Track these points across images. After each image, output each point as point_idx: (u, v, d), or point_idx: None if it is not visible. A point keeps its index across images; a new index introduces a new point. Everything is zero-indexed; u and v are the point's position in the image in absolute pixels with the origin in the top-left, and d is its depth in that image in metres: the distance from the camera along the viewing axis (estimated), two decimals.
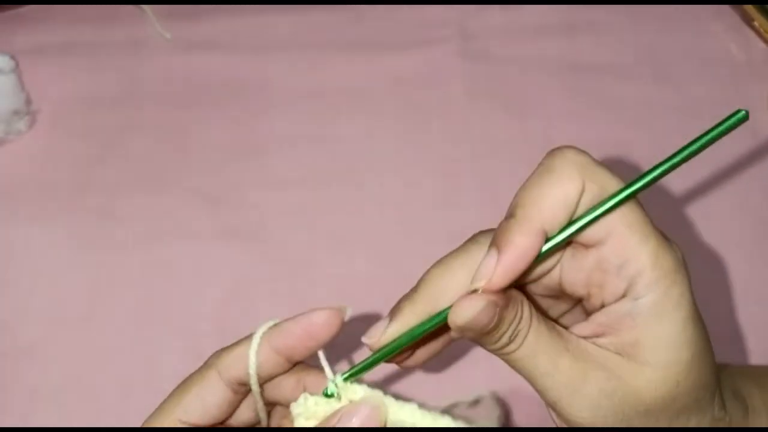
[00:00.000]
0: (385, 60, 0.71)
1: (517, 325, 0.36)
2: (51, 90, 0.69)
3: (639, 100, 0.69)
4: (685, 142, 0.33)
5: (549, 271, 0.39)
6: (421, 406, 0.37)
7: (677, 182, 0.65)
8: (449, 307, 0.36)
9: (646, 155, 0.65)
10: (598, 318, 0.37)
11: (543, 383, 0.37)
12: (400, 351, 0.38)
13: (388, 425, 0.37)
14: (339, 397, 0.38)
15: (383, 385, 0.55)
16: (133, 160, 0.66)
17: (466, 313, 0.35)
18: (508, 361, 0.37)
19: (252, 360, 0.38)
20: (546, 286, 0.39)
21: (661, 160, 0.35)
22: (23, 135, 0.67)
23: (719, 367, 0.40)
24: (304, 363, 0.40)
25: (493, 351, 0.37)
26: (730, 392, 0.41)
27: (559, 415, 0.38)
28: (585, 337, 0.38)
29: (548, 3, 0.73)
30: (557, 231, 0.36)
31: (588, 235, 0.36)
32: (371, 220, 0.64)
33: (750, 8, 0.70)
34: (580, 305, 0.40)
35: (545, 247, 0.36)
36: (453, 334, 0.37)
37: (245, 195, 0.65)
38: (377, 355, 0.38)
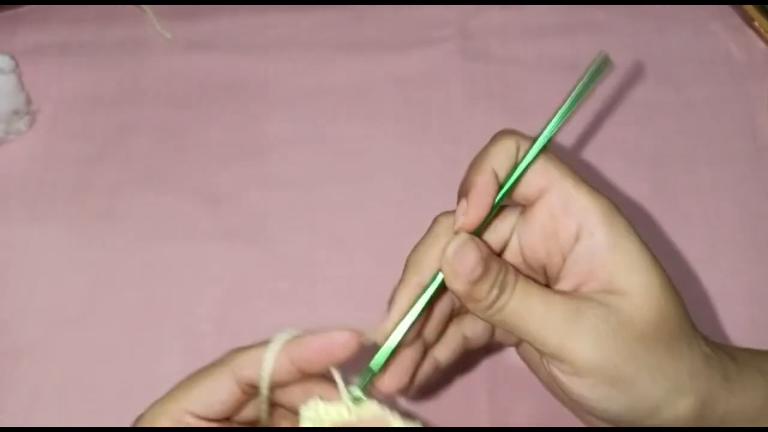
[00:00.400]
0: (385, 60, 0.71)
1: (505, 276, 0.40)
2: (51, 90, 0.69)
3: (639, 100, 0.69)
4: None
5: (508, 240, 0.43)
6: (426, 426, 0.39)
7: (678, 180, 0.65)
8: (440, 273, 0.40)
9: (646, 155, 0.65)
10: (568, 272, 0.41)
11: (540, 333, 0.39)
12: (412, 332, 0.41)
13: None
14: (350, 411, 0.38)
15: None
16: (133, 160, 0.66)
17: (454, 244, 0.39)
18: (502, 320, 0.40)
19: (267, 363, 0.38)
20: (513, 264, 0.42)
21: None
22: (23, 135, 0.67)
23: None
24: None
25: (485, 311, 0.40)
26: (708, 347, 0.42)
27: (564, 363, 0.39)
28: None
29: (548, 3, 0.73)
30: (507, 175, 0.42)
31: (529, 186, 0.42)
32: (371, 220, 0.64)
33: (750, 8, 0.70)
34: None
35: (501, 193, 0.41)
36: (448, 284, 0.40)
37: (245, 195, 0.65)
38: (389, 343, 0.40)
